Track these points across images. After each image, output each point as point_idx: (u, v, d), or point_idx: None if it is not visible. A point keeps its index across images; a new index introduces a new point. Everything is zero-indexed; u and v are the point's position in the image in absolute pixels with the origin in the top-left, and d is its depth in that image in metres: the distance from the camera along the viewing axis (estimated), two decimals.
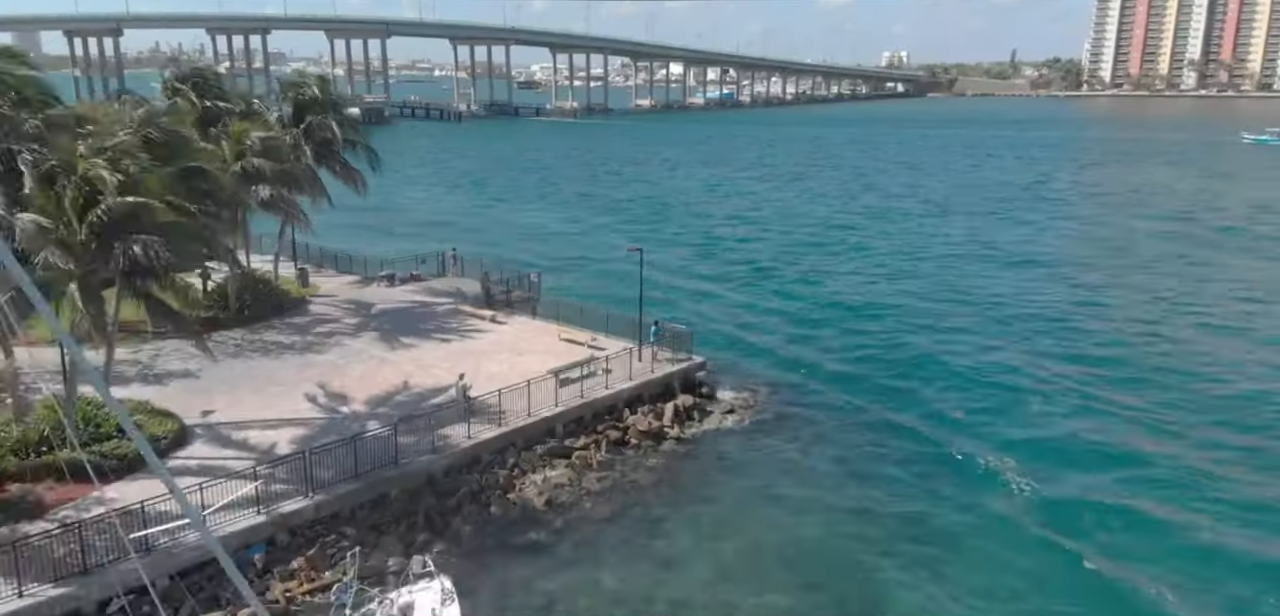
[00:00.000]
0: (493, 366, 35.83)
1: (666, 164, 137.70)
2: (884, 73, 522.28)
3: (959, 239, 74.29)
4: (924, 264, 64.28)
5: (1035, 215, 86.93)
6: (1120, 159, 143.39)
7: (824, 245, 71.52)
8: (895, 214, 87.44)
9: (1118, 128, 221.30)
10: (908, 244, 71.65)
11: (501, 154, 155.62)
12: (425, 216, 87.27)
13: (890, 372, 40.72)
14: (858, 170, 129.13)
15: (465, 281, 50.25)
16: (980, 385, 39.06)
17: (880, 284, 58.06)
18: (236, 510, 23.40)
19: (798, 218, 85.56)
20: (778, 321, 49.18)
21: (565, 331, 40.18)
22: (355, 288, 49.33)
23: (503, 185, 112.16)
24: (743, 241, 72.80)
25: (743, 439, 33.04)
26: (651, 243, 71.77)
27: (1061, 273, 62.36)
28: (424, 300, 46.64)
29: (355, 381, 33.86)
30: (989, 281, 58.94)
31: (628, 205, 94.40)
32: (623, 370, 34.83)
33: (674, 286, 56.15)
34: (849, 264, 64.17)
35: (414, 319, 42.74)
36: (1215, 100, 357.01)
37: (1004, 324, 48.82)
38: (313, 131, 44.95)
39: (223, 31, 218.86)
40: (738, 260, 65.49)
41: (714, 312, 50.55)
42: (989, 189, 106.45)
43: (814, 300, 53.79)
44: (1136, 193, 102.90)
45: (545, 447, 30.26)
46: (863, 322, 48.82)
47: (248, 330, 40.14)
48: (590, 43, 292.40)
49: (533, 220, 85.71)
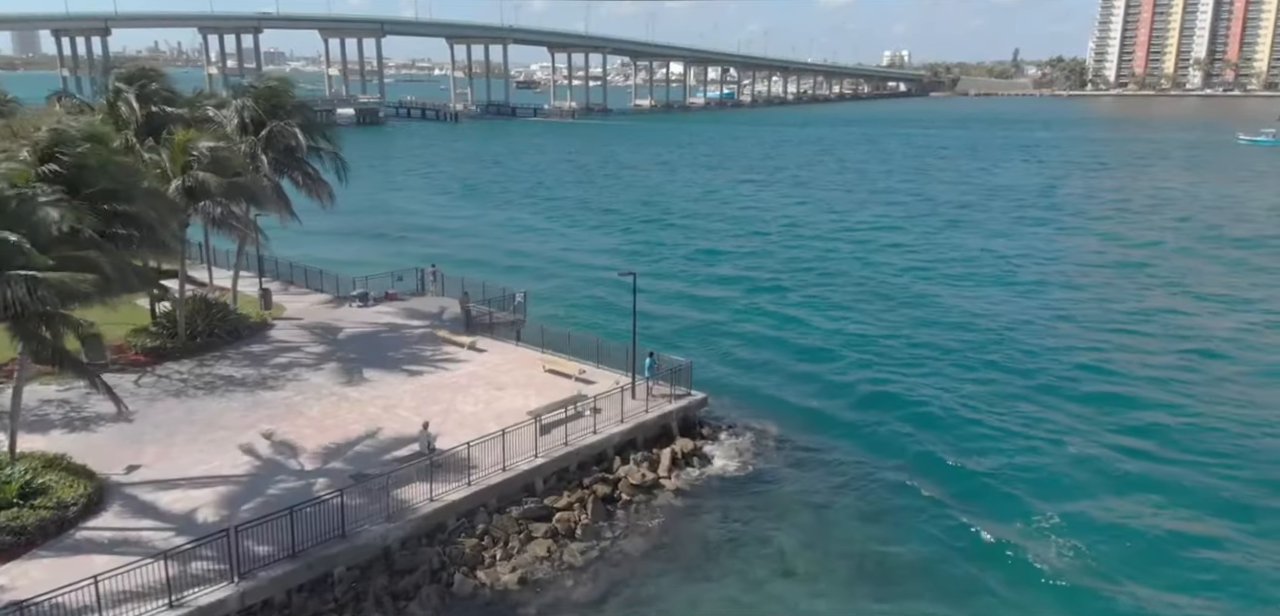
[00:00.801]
0: (467, 405, 31.82)
1: (665, 167, 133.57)
2: (886, 72, 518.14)
3: (974, 251, 70.11)
4: (940, 280, 60.08)
5: (1053, 225, 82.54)
6: (1133, 162, 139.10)
7: (832, 258, 67.29)
8: (905, 223, 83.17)
9: (1125, 128, 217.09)
10: (921, 257, 67.36)
11: (496, 156, 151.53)
12: (411, 223, 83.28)
13: (911, 409, 36.64)
14: (863, 174, 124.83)
15: (445, 300, 46.27)
16: (1009, 426, 34.97)
17: (895, 303, 53.90)
18: (142, 604, 19.38)
19: (803, 227, 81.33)
20: (785, 346, 45.04)
21: (551, 361, 36.19)
22: (325, 308, 45.29)
23: (494, 190, 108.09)
24: (745, 254, 68.46)
25: (749, 493, 28.98)
26: (647, 256, 68.20)
27: (1090, 291, 58.11)
28: (398, 323, 42.60)
29: (309, 425, 29.81)
30: (1011, 301, 54.71)
31: (623, 212, 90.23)
32: (613, 410, 30.80)
33: (671, 306, 52.15)
34: (860, 280, 59.90)
35: (385, 346, 38.69)
36: (1221, 100, 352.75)
37: (1031, 352, 44.66)
38: (274, 139, 40.84)
39: (214, 30, 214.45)
40: (740, 275, 61.23)
41: (714, 337, 46.46)
42: (1001, 195, 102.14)
43: (824, 321, 49.62)
44: (1156, 199, 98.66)
45: (522, 509, 26.20)
46: (878, 349, 44.68)
47: (197, 361, 36.09)
48: (589, 42, 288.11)
49: (523, 228, 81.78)
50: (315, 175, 43.36)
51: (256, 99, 40.30)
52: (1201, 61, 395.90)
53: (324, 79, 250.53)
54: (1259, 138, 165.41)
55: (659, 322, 47.06)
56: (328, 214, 47.26)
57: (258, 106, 40.14)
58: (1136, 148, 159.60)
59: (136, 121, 35.87)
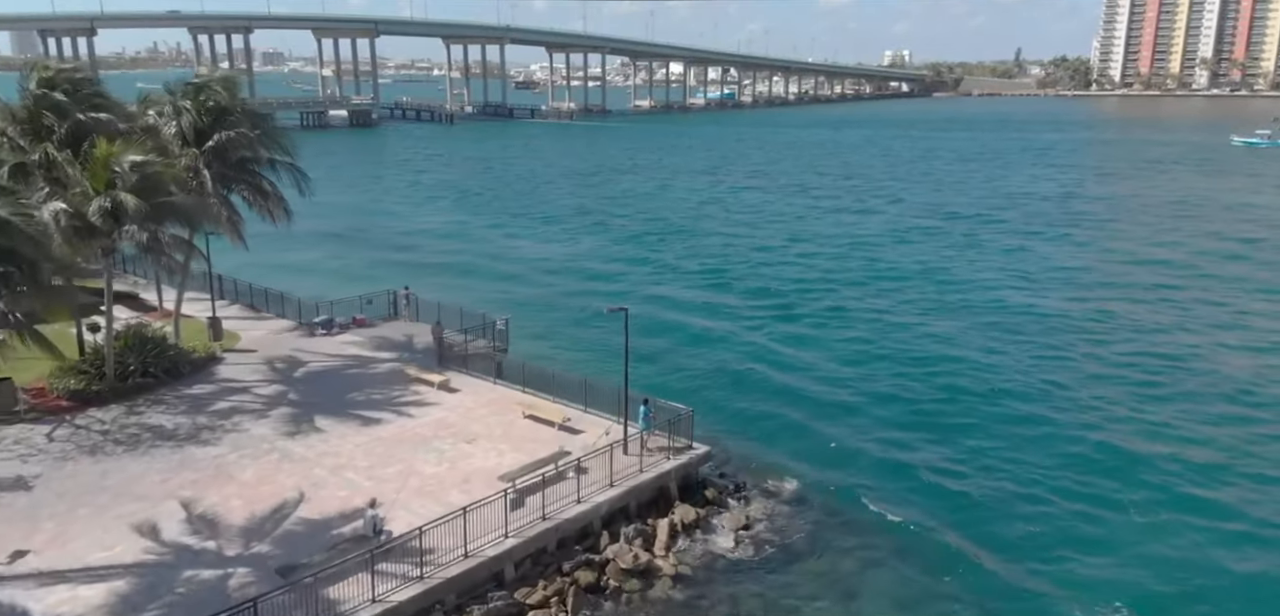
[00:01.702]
0: (429, 464, 27.17)
1: (665, 171, 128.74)
2: (888, 72, 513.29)
3: (997, 264, 65.28)
4: (965, 300, 55.03)
5: (1078, 238, 76.82)
6: (1149, 166, 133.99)
7: (846, 275, 62.03)
8: (920, 233, 78.06)
9: (1135, 129, 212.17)
10: (943, 274, 62.09)
11: (490, 158, 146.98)
12: (392, 234, 78.56)
13: (948, 456, 32.04)
14: (872, 179, 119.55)
15: (418, 327, 41.61)
16: (1068, 486, 30.28)
17: (918, 327, 49.07)
18: None
19: (812, 238, 76.20)
20: (799, 381, 40.25)
21: (532, 404, 31.55)
22: (285, 337, 40.66)
23: (483, 196, 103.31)
24: (751, 269, 63.44)
25: (761, 575, 24.33)
26: (644, 272, 63.35)
27: (1130, 308, 53.22)
28: (364, 355, 37.96)
29: (240, 494, 25.15)
30: (1049, 327, 49.37)
31: (619, 221, 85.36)
32: (602, 471, 26.14)
33: (669, 333, 47.34)
34: (878, 301, 54.71)
35: (343, 386, 34.02)
36: (1228, 100, 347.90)
37: (1078, 384, 40.03)
38: (224, 150, 36.17)
39: (204, 30, 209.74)
40: (746, 294, 56.27)
41: (717, 370, 41.68)
42: (1017, 202, 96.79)
43: (842, 351, 44.62)
44: (1182, 206, 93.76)
45: (486, 608, 21.54)
46: (904, 382, 39.94)
47: (127, 407, 31.44)
48: (587, 42, 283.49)
49: (511, 239, 77.01)
50: (271, 190, 38.67)
51: (199, 104, 35.52)
52: (1207, 61, 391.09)
53: (317, 79, 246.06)
54: (1252, 139, 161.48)
55: (655, 355, 42.38)
56: (303, 223, 42.92)
57: (200, 112, 35.38)
58: (1151, 152, 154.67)
59: (58, 134, 31.21)
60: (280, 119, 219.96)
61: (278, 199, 38.88)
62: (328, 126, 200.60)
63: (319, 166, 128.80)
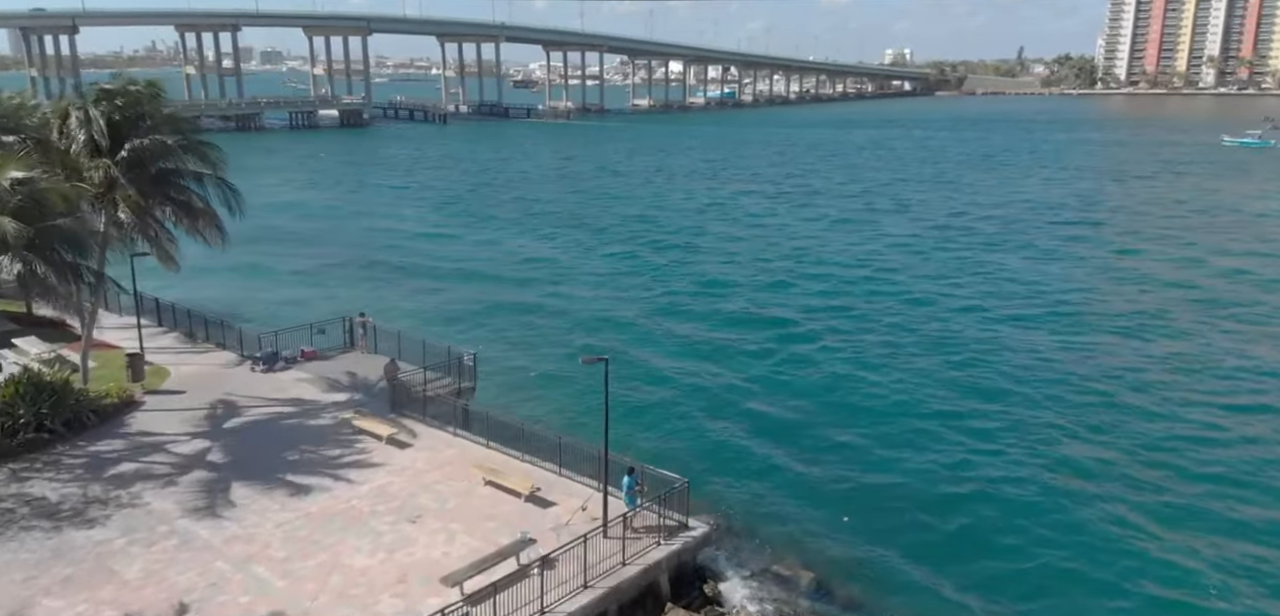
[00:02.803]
0: (360, 555, 21.96)
1: (662, 175, 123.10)
2: (890, 71, 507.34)
3: (1025, 282, 59.10)
4: (997, 322, 49.17)
5: (1110, 246, 71.16)
6: (1170, 168, 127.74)
7: (863, 298, 55.48)
8: (938, 247, 71.42)
9: (1147, 129, 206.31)
10: (969, 291, 56.10)
11: (478, 161, 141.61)
12: (366, 244, 72.59)
13: (995, 522, 26.82)
14: (881, 184, 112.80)
15: (375, 362, 36.33)
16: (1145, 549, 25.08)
17: (950, 357, 43.25)
18: None
19: (823, 255, 69.23)
20: (814, 432, 34.65)
21: (494, 468, 26.31)
22: (222, 373, 35.43)
23: (469, 201, 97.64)
24: (757, 294, 56.95)
25: None
26: (636, 291, 57.70)
27: (1190, 335, 47.85)
28: (308, 398, 32.72)
29: (115, 600, 19.94)
30: (1093, 358, 43.94)
31: (612, 231, 79.66)
32: (575, 566, 20.91)
33: (662, 368, 42.05)
34: (901, 325, 48.61)
35: (275, 441, 28.79)
36: (1236, 98, 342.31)
37: (1134, 426, 34.84)
38: (141, 160, 30.95)
39: (191, 28, 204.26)
40: (751, 325, 49.74)
41: (720, 419, 36.16)
42: (1039, 210, 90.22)
43: (865, 395, 38.60)
44: (1214, 214, 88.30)
45: None
46: (938, 429, 34.53)
47: (10, 471, 26.20)
48: (584, 40, 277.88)
49: (493, 251, 71.27)
50: (202, 206, 33.45)
51: (110, 109, 30.24)
52: (1214, 59, 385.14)
53: (309, 78, 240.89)
54: (1244, 139, 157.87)
55: (645, 405, 37.10)
56: (267, 231, 37.87)
57: (111, 119, 30.11)
58: (1166, 153, 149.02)
59: None
60: (269, 119, 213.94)
61: (209, 216, 33.68)
62: (317, 127, 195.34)
63: (301, 170, 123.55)
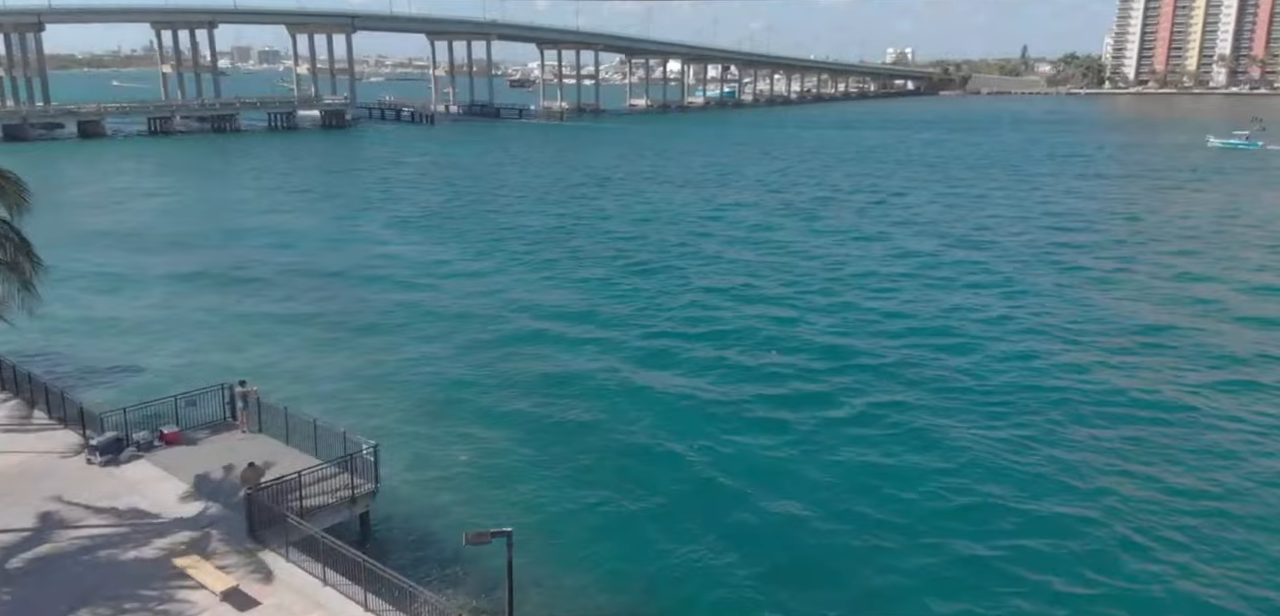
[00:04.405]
0: None
1: (654, 182, 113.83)
2: (894, 70, 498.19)
3: (1114, 318, 50.40)
4: (1065, 399, 39.51)
5: (1172, 280, 61.79)
6: (1214, 175, 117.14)
7: (889, 343, 45.94)
8: (973, 275, 60.99)
9: (1165, 131, 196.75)
10: (1019, 342, 46.33)
11: (461, 165, 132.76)
12: (295, 274, 61.69)
13: None
14: (895, 197, 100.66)
15: (254, 445, 27.74)
16: None
17: (1030, 423, 34.94)
18: None
19: (838, 283, 58.87)
20: (854, 547, 26.10)
21: None
22: (50, 466, 26.89)
23: (441, 214, 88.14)
24: (750, 330, 48.31)
25: None
26: (620, 327, 47.51)
27: None
28: (145, 512, 24.12)
29: None
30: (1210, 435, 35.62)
31: (596, 251, 70.47)
32: None
33: (645, 442, 33.40)
34: (937, 388, 39.39)
35: (66, 593, 20.16)
36: (1248, 98, 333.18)
37: None
38: None
39: (166, 25, 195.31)
40: (749, 380, 40.59)
41: (721, 520, 27.57)
42: (1078, 229, 78.98)
43: (909, 495, 29.88)
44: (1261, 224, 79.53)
45: None
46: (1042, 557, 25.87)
47: None
48: (579, 38, 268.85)
49: (442, 287, 58.23)
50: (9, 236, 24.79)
51: None
52: (1226, 58, 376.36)
53: (293, 77, 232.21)
54: (1230, 140, 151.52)
55: (645, 505, 28.48)
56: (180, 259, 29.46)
57: None
58: (1193, 157, 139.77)
59: None
60: (246, 121, 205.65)
61: (20, 251, 25.00)
62: (296, 128, 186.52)
63: (260, 178, 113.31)
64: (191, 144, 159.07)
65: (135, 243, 71.82)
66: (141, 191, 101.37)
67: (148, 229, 78.32)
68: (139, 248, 69.92)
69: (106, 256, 65.91)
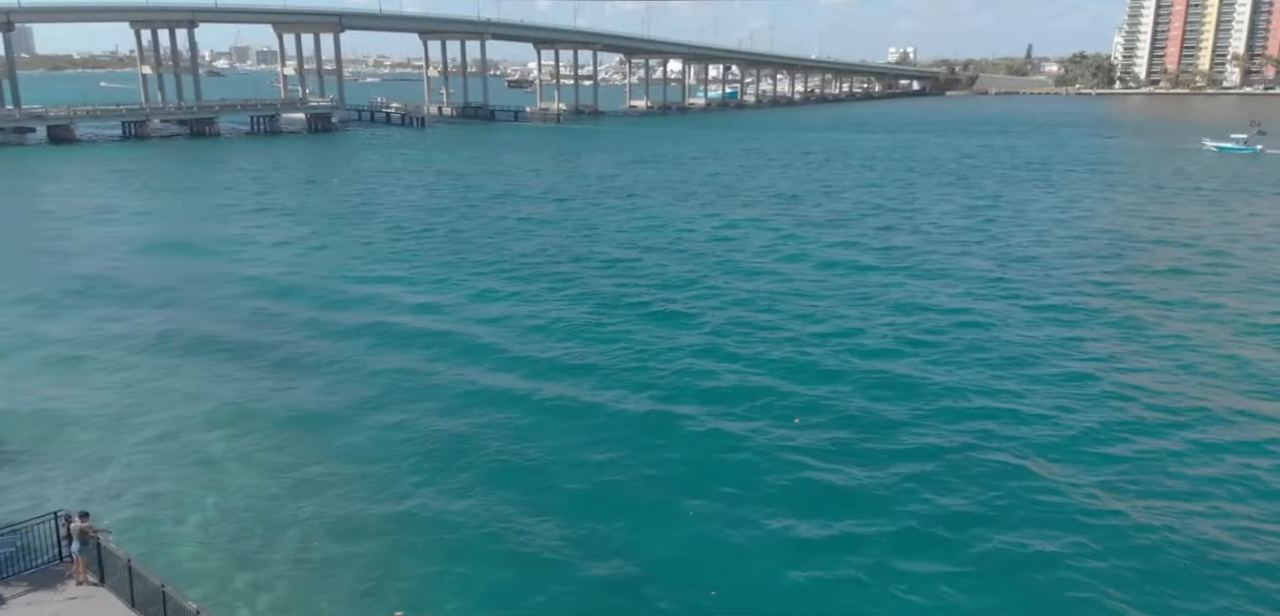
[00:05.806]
0: None
1: (652, 191, 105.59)
2: (899, 70, 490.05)
3: (1169, 383, 42.46)
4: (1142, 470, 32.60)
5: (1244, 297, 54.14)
6: (1260, 185, 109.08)
7: (927, 395, 38.21)
8: (1015, 302, 53.37)
9: (1186, 135, 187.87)
10: (1080, 389, 39.07)
11: (455, 173, 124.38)
12: (222, 315, 52.97)
13: None
14: (916, 209, 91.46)
15: (93, 604, 19.44)
16: None
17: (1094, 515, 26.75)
18: None
19: (861, 322, 49.52)
20: None
21: None
22: None
23: (414, 235, 78.09)
24: (751, 368, 40.22)
25: None
26: (581, 402, 36.84)
27: None
28: None
29: None
30: None
31: (586, 278, 62.05)
32: None
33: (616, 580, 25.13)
34: (1000, 465, 31.98)
35: None
36: (1262, 99, 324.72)
37: None
38: None
39: (145, 24, 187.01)
40: (758, 454, 32.83)
41: None
42: (1119, 251, 70.17)
43: None
44: None
45: None
46: None
47: None
48: (577, 37, 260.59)
49: (402, 327, 49.38)
50: None
51: None
52: (1239, 58, 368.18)
53: (279, 78, 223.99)
54: (1227, 145, 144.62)
55: None
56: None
57: None
58: (1220, 167, 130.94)
59: None
60: (227, 125, 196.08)
61: None
62: (279, 132, 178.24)
63: (225, 193, 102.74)
64: (164, 151, 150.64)
65: (46, 281, 59.47)
66: (89, 211, 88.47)
67: (61, 266, 64.15)
68: (44, 289, 57.39)
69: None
